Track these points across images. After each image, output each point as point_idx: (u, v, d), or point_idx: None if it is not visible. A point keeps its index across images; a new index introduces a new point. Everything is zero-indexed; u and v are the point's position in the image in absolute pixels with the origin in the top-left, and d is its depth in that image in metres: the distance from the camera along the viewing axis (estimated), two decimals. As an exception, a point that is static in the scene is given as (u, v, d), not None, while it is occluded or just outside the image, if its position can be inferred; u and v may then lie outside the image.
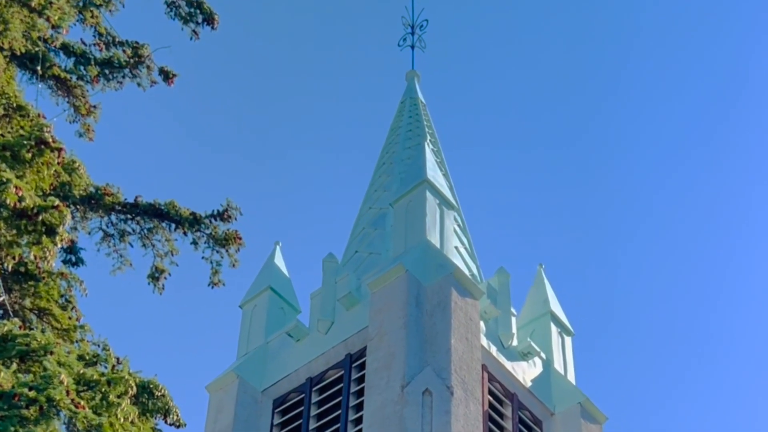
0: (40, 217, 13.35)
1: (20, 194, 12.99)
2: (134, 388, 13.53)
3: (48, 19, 15.10)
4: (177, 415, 13.96)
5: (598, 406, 24.76)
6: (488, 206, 48.83)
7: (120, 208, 15.19)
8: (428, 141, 28.08)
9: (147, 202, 15.29)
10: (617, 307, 51.18)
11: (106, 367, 13.91)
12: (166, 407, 13.84)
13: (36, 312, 14.16)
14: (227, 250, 15.29)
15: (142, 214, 15.23)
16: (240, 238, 15.29)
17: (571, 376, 25.67)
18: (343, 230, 28.16)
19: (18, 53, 14.88)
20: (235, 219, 15.33)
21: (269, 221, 47.34)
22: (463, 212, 27.88)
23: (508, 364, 23.99)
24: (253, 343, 25.04)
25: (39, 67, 15.36)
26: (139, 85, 16.19)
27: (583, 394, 24.72)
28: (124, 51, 16.03)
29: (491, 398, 23.08)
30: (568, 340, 26.39)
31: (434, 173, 25.52)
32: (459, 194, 28.29)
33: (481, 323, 23.51)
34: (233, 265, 15.40)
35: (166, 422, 13.94)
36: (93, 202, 15.10)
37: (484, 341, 23.40)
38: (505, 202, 51.79)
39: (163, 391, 13.96)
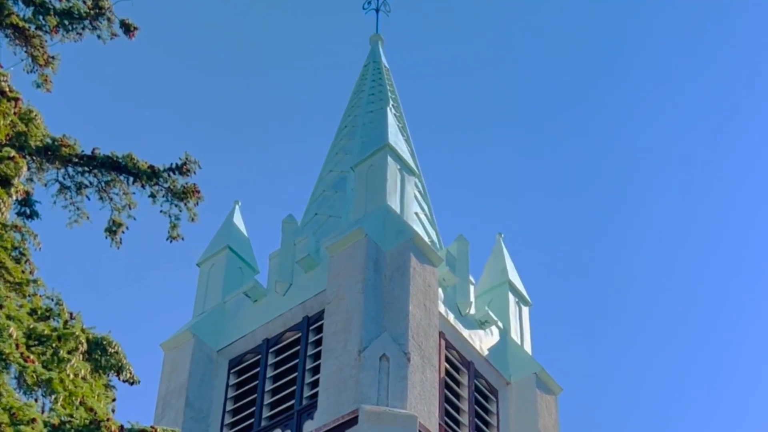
0: (-5, 168, 13.08)
1: (-25, 143, 12.71)
2: (84, 344, 13.30)
3: (7, -35, 14.75)
4: (130, 373, 13.77)
5: (553, 378, 24.78)
6: (449, 173, 48.73)
7: (77, 160, 14.85)
8: (391, 106, 27.91)
9: (104, 155, 14.95)
10: (575, 278, 51.24)
11: (58, 322, 13.67)
12: (119, 364, 13.64)
13: (-12, 264, 13.86)
14: (186, 204, 15.00)
15: (100, 167, 14.90)
16: (199, 192, 15.00)
17: (528, 347, 25.66)
18: (304, 192, 27.96)
19: (-26, 0, 14.53)
20: (194, 173, 15.03)
21: (229, 180, 46.98)
22: (423, 178, 27.74)
23: (466, 332, 23.93)
24: (209, 302, 24.83)
25: (-4, 15, 14.99)
26: (99, 37, 15.82)
27: (539, 364, 24.72)
28: (84, 2, 15.65)
29: (448, 366, 23.00)
30: (525, 310, 26.39)
31: (396, 138, 25.37)
32: (420, 160, 28.14)
33: (440, 290, 23.42)
34: (192, 219, 15.11)
35: (119, 379, 13.75)
36: (49, 153, 14.77)
37: (441, 308, 23.33)
38: (466, 169, 51.69)
39: (116, 348, 13.76)
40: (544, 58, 53.53)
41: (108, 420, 12.85)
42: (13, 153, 13.39)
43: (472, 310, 24.50)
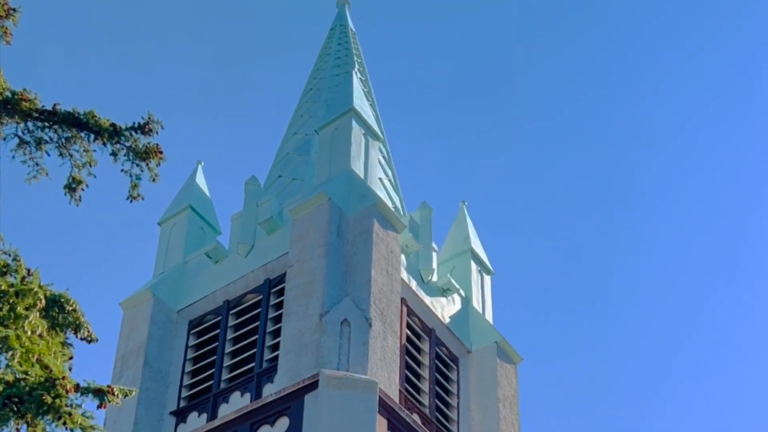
0: (-47, 121, 12.82)
1: (-69, 95, 12.42)
2: (43, 301, 13.08)
3: None
4: (88, 331, 13.54)
5: (514, 347, 24.73)
6: (414, 139, 48.53)
7: (37, 114, 14.58)
8: (356, 70, 27.70)
9: (65, 111, 14.67)
10: (538, 248, 51.18)
11: (15, 278, 13.44)
12: (77, 322, 13.42)
13: (-56, 220, 13.61)
14: (147, 164, 14.74)
15: (60, 123, 14.62)
16: (161, 152, 14.75)
17: (489, 316, 25.60)
18: (267, 153, 27.71)
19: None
20: (157, 132, 14.77)
21: (192, 140, 46.60)
22: (388, 144, 27.55)
23: (427, 299, 23.82)
24: (170, 262, 24.58)
25: (-45, -35, 14.65)
26: (62, -10, 15.53)
27: (499, 333, 24.66)
28: (47, -47, 15.37)
29: (409, 332, 22.88)
30: (487, 279, 26.34)
31: (361, 103, 25.17)
32: (385, 126, 27.97)
33: (402, 257, 23.27)
34: (153, 180, 14.85)
35: (76, 337, 13.52)
36: (9, 107, 14.50)
37: (404, 275, 23.19)
38: (432, 136, 51.55)
39: (74, 305, 13.53)
40: (514, 25, 53.39)
41: (63, 378, 12.65)
42: (-30, 106, 13.10)
43: (435, 278, 24.38)
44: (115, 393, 12.95)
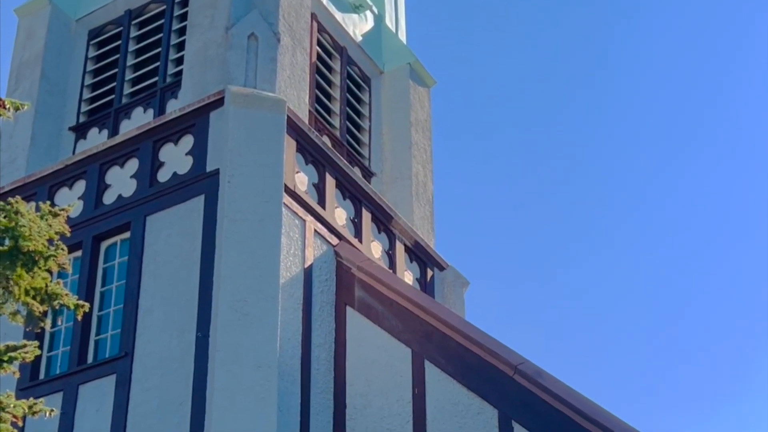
0: None
1: None
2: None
3: None
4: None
5: (427, 70, 24.16)
6: None
7: None
8: None
9: None
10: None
11: None
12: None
13: None
14: None
15: None
16: None
17: (403, 35, 24.90)
18: None
19: None
20: None
21: None
22: None
23: (339, 15, 22.96)
24: (68, -30, 23.34)
25: None
26: None
27: (413, 54, 24.07)
28: None
29: (320, 50, 22.06)
30: (401, -5, 25.52)
31: None
32: None
33: (312, -33, 22.25)
34: None
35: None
36: None
37: (314, -14, 22.21)
38: None
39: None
40: None
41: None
42: None
43: (346, -8, 23.49)
44: (6, 106, 12.14)
